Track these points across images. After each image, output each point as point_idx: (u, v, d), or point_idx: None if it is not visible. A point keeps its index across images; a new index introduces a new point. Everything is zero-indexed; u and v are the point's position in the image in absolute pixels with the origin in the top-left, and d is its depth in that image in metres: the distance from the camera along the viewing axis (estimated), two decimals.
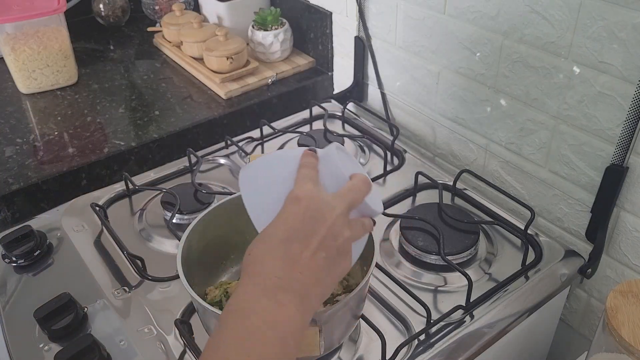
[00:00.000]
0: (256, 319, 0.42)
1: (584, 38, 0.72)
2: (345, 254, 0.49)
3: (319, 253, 0.46)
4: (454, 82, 0.95)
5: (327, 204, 0.48)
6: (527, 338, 0.80)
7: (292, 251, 0.46)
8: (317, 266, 0.46)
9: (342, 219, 0.48)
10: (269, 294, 0.44)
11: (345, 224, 0.49)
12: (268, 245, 0.47)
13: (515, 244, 0.82)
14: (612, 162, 0.75)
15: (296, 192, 0.48)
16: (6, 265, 0.80)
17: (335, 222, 0.48)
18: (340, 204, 0.49)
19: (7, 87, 1.23)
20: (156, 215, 0.87)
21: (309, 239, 0.46)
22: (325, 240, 0.47)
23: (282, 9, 1.26)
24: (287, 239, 0.46)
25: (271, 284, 0.44)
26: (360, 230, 0.51)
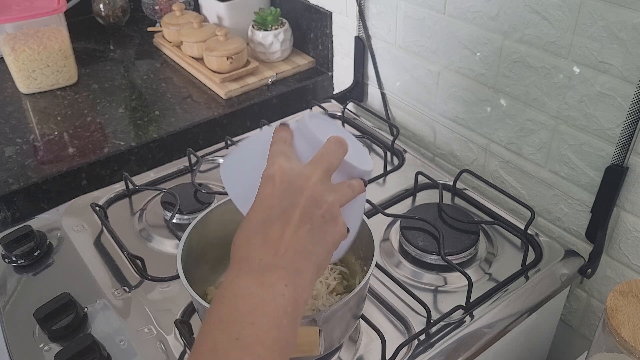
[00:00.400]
0: (243, 303, 0.42)
1: (584, 38, 0.72)
2: (333, 219, 0.47)
3: (302, 226, 0.45)
4: (454, 82, 0.95)
5: (301, 174, 0.47)
6: (527, 338, 0.80)
7: (273, 231, 0.45)
8: (303, 239, 0.45)
9: (321, 186, 0.47)
10: (254, 278, 0.43)
11: (326, 190, 0.47)
12: (248, 231, 0.46)
13: (515, 244, 0.82)
14: (612, 162, 0.75)
15: (267, 171, 0.47)
16: (6, 265, 0.80)
17: (314, 190, 0.46)
18: (315, 171, 0.47)
19: (7, 87, 1.23)
20: (156, 215, 0.87)
21: (288, 214, 0.45)
22: (307, 211, 0.45)
23: (282, 9, 1.27)
24: (265, 219, 0.45)
25: (256, 268, 0.43)
26: (347, 193, 0.49)
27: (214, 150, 1.01)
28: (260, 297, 0.42)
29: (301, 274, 0.44)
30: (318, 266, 0.46)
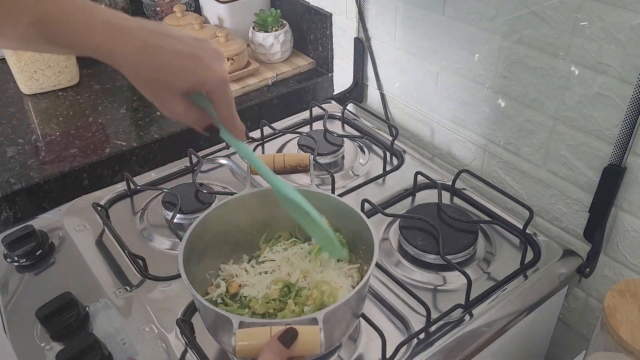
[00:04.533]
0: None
1: (582, 39, 0.73)
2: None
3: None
4: (453, 82, 0.95)
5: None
6: (526, 337, 0.80)
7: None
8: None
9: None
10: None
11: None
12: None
13: (513, 243, 0.82)
14: (610, 162, 0.75)
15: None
16: (8, 265, 0.80)
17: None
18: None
19: (9, 88, 1.23)
20: (157, 215, 0.88)
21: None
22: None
23: (282, 10, 1.27)
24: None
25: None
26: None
27: (214, 151, 1.02)
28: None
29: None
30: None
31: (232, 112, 0.57)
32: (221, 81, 0.54)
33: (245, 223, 0.71)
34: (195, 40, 0.54)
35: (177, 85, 0.53)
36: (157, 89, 0.54)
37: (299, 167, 0.72)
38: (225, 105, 0.56)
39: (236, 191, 0.89)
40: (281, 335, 0.50)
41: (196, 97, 0.56)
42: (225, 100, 0.56)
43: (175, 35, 0.53)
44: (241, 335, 0.51)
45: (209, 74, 0.53)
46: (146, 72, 0.52)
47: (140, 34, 0.51)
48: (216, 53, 0.55)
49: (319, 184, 0.94)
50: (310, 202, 0.70)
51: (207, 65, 0.53)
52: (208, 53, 0.54)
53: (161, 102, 0.55)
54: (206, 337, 0.64)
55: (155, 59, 0.52)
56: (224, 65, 0.56)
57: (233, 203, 0.69)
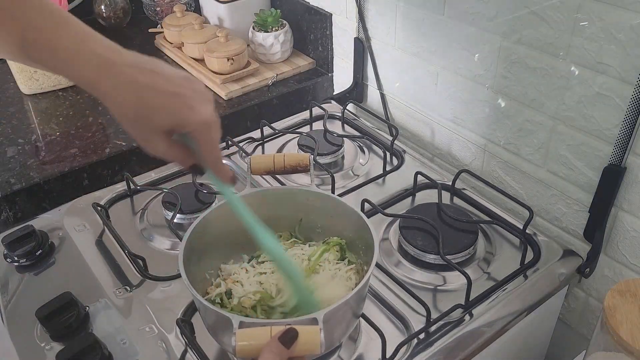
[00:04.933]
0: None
1: (582, 39, 0.73)
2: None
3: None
4: (453, 82, 0.95)
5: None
6: (526, 337, 0.80)
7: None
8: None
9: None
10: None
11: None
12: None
13: (513, 243, 0.82)
14: (610, 162, 0.75)
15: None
16: (8, 265, 0.80)
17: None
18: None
19: (9, 88, 1.23)
20: (157, 215, 0.88)
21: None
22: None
23: (282, 10, 1.27)
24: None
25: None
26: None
27: None
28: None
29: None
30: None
31: (215, 155, 0.56)
32: (204, 124, 0.53)
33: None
34: (184, 80, 0.53)
35: (159, 124, 0.52)
36: (138, 127, 0.53)
37: (299, 167, 0.72)
38: (209, 149, 0.55)
39: (236, 191, 0.89)
40: (281, 336, 0.50)
41: (182, 137, 0.55)
42: (208, 143, 0.55)
43: (164, 74, 0.52)
44: (241, 335, 0.51)
45: (192, 115, 0.52)
46: (129, 109, 0.51)
47: (128, 70, 0.50)
48: (203, 95, 0.54)
49: (319, 184, 0.94)
50: (311, 202, 0.70)
51: (190, 106, 0.52)
52: (194, 94, 0.53)
53: (143, 140, 0.54)
54: (206, 337, 0.64)
55: (138, 96, 0.51)
56: (210, 108, 0.54)
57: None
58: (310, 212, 0.71)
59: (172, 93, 0.52)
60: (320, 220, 0.71)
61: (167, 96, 0.51)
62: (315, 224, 0.72)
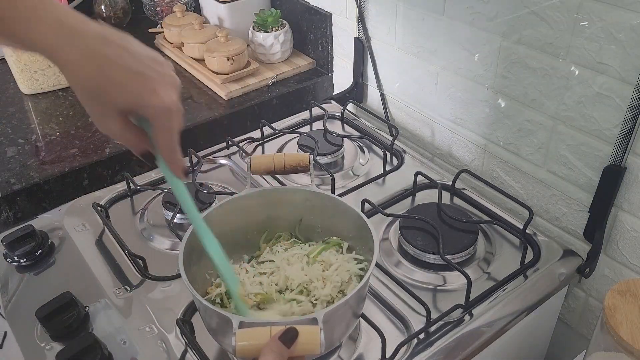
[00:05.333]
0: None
1: (582, 39, 0.73)
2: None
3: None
4: (453, 82, 0.95)
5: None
6: (526, 337, 0.80)
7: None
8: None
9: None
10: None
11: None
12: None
13: (513, 243, 0.82)
14: (610, 162, 0.75)
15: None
16: (8, 265, 0.80)
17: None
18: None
19: (9, 88, 1.23)
20: (157, 215, 0.88)
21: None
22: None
23: (282, 10, 1.27)
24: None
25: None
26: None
27: (214, 151, 1.02)
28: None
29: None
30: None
31: (171, 144, 0.53)
32: (163, 109, 0.50)
33: (245, 223, 0.71)
34: (152, 61, 0.51)
35: (115, 102, 0.50)
36: (95, 101, 0.50)
37: (299, 167, 0.72)
38: (166, 137, 0.52)
39: (236, 191, 0.89)
40: (282, 335, 0.50)
41: (140, 120, 0.53)
42: (166, 130, 0.51)
43: (131, 50, 0.49)
44: (241, 335, 0.51)
45: (153, 99, 0.49)
46: (87, 80, 0.49)
47: (91, 39, 0.48)
48: (169, 79, 0.51)
49: (319, 184, 0.94)
50: (310, 202, 0.70)
51: (152, 89, 0.49)
52: (159, 76, 0.50)
53: (97, 116, 0.51)
54: (206, 337, 0.64)
55: (100, 68, 0.48)
56: (173, 94, 0.51)
57: (233, 203, 0.69)
58: (310, 212, 0.71)
59: (136, 72, 0.49)
60: (320, 220, 0.71)
61: (131, 74, 0.49)
62: (315, 224, 0.72)
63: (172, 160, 0.54)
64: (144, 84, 0.49)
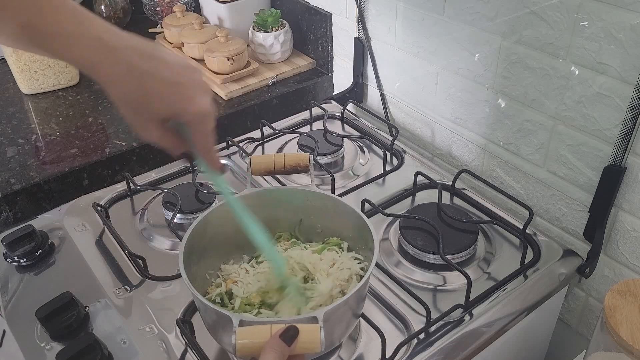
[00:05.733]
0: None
1: (582, 39, 0.73)
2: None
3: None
4: (453, 82, 0.95)
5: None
6: (526, 337, 0.80)
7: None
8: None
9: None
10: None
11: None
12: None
13: (513, 243, 0.82)
14: (610, 162, 0.75)
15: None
16: (8, 265, 0.80)
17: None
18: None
19: (9, 88, 1.24)
20: (157, 215, 0.88)
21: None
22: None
23: (282, 10, 1.27)
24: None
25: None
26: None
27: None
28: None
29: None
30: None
31: (209, 145, 0.57)
32: (200, 114, 0.54)
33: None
34: (185, 69, 0.53)
35: (156, 112, 0.53)
36: (135, 112, 0.53)
37: (299, 167, 0.72)
38: (203, 139, 0.56)
39: (236, 191, 0.89)
40: (283, 333, 0.50)
41: (177, 124, 0.56)
42: (203, 133, 0.55)
43: (165, 60, 0.52)
44: (241, 334, 0.51)
45: (190, 106, 0.53)
46: (127, 95, 0.52)
47: (128, 55, 0.50)
48: (202, 85, 0.54)
49: (319, 184, 0.94)
50: (310, 202, 0.70)
51: (189, 97, 0.53)
52: (194, 84, 0.53)
53: (138, 125, 0.54)
54: (206, 337, 0.64)
55: (138, 82, 0.51)
56: (206, 99, 0.54)
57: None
58: (310, 212, 0.71)
59: (171, 82, 0.52)
60: (320, 220, 0.71)
61: (167, 85, 0.52)
62: (315, 224, 0.72)
63: (209, 158, 0.58)
64: (180, 94, 0.52)
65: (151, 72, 0.51)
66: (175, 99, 0.52)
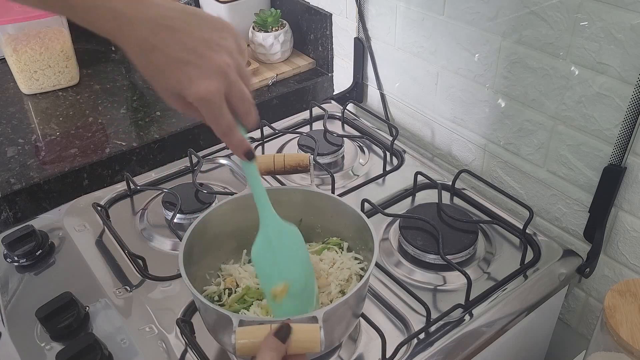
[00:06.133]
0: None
1: (582, 39, 0.73)
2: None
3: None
4: (453, 82, 0.95)
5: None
6: (526, 337, 0.80)
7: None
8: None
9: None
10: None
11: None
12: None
13: (513, 243, 0.82)
14: (610, 162, 0.75)
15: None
16: (8, 265, 0.80)
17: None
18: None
19: (9, 88, 1.24)
20: (157, 215, 0.88)
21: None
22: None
23: (282, 10, 1.27)
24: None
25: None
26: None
27: (215, 151, 1.02)
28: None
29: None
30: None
31: (220, 129, 0.52)
32: (199, 99, 0.49)
33: (245, 223, 0.71)
34: (202, 44, 0.49)
35: (163, 87, 0.51)
36: (152, 83, 0.52)
37: (299, 167, 0.72)
38: (213, 123, 0.52)
39: (236, 191, 0.89)
40: (277, 331, 0.50)
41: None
42: (210, 118, 0.51)
43: (182, 32, 0.49)
44: (241, 334, 0.51)
45: (190, 88, 0.49)
46: (140, 67, 0.51)
47: (141, 27, 0.48)
48: (213, 66, 0.49)
49: (319, 184, 0.94)
50: (310, 202, 0.70)
51: (189, 78, 0.49)
52: (205, 63, 0.49)
53: (160, 94, 0.53)
54: (206, 337, 0.64)
55: (147, 57, 0.49)
56: (210, 83, 0.49)
57: (233, 203, 0.69)
58: (310, 212, 0.71)
59: (178, 59, 0.49)
60: (320, 221, 0.71)
61: (170, 62, 0.49)
62: (315, 224, 0.72)
63: (228, 142, 0.54)
64: (183, 73, 0.49)
65: (159, 47, 0.49)
66: (176, 78, 0.49)
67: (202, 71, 0.49)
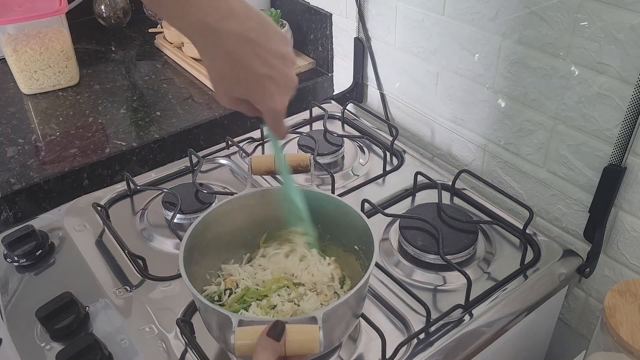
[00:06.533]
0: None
1: (583, 39, 0.73)
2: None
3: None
4: (453, 82, 0.95)
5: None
6: (526, 337, 0.80)
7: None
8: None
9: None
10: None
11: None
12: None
13: (513, 243, 0.82)
14: (610, 162, 0.75)
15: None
16: (8, 265, 0.80)
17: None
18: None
19: (8, 88, 1.24)
20: (157, 215, 0.88)
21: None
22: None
23: (282, 10, 1.27)
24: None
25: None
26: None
27: (215, 151, 1.02)
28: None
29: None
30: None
31: (275, 124, 0.59)
32: (274, 111, 0.56)
33: (245, 223, 0.71)
34: (280, 60, 0.54)
35: (239, 94, 0.55)
36: (220, 84, 0.55)
37: (299, 167, 0.72)
38: (272, 121, 0.58)
39: (236, 191, 0.89)
40: (269, 330, 0.50)
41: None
42: (273, 120, 0.58)
43: (265, 48, 0.53)
44: (240, 334, 0.51)
45: (268, 102, 0.55)
46: (219, 71, 0.54)
47: (227, 40, 0.51)
48: (288, 83, 0.56)
49: (319, 184, 0.94)
50: (310, 202, 0.70)
51: (270, 94, 0.54)
52: (281, 80, 0.55)
53: (217, 93, 0.56)
54: (206, 337, 0.64)
55: (230, 68, 0.53)
56: (286, 98, 0.56)
57: (233, 203, 0.69)
58: (310, 212, 0.71)
59: (262, 74, 0.53)
60: (320, 221, 0.71)
61: (254, 77, 0.53)
62: (315, 224, 0.72)
63: (277, 130, 0.60)
64: (264, 89, 0.54)
65: (245, 60, 0.52)
66: (257, 91, 0.54)
67: (280, 89, 0.55)
